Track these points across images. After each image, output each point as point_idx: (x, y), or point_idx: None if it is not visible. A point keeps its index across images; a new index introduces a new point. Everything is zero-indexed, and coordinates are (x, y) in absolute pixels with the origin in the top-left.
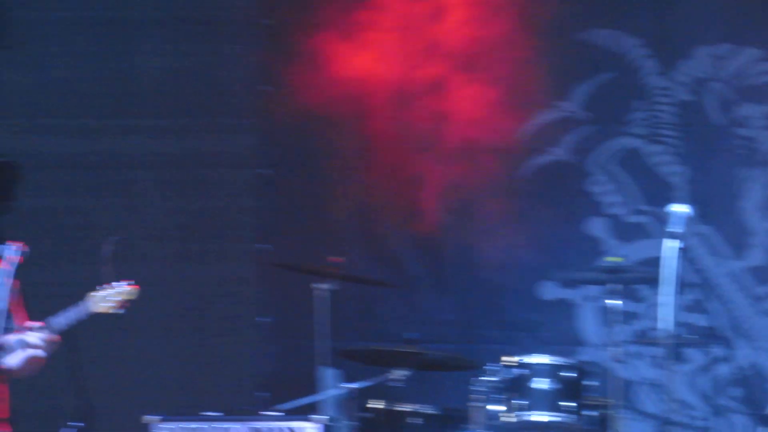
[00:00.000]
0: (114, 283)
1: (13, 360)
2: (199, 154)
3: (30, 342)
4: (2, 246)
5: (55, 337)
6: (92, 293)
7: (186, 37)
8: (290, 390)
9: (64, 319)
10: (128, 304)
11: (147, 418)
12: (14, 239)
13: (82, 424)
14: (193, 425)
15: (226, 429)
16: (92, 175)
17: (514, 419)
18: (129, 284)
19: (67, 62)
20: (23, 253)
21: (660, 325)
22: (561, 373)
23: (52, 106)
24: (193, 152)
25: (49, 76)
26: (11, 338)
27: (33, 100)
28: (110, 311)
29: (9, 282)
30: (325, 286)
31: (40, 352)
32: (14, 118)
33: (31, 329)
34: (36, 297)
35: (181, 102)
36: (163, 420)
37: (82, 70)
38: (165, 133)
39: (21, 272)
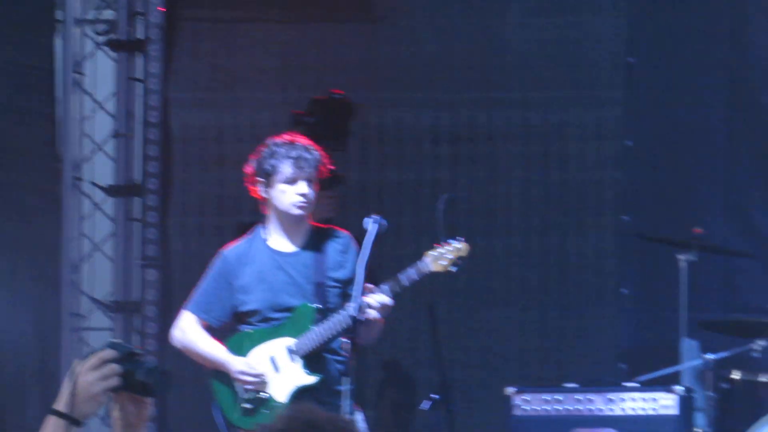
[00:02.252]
0: (450, 241)
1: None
2: (563, 127)
3: (370, 304)
4: (365, 219)
5: (391, 300)
6: (428, 252)
7: (552, 9)
8: (649, 361)
9: (402, 279)
10: (461, 262)
11: (508, 390)
12: (376, 212)
13: (439, 397)
14: (552, 396)
15: (584, 399)
16: (456, 148)
17: None
18: (462, 241)
19: (436, 36)
20: (381, 225)
21: None
22: None
23: (420, 80)
24: (557, 125)
25: (419, 49)
26: (362, 302)
27: (401, 74)
28: (445, 270)
29: (367, 253)
30: (685, 257)
31: (377, 315)
32: (383, 92)
33: (370, 293)
34: (396, 270)
35: (546, 74)
36: (522, 391)
37: (450, 44)
38: (530, 106)
39: (381, 244)
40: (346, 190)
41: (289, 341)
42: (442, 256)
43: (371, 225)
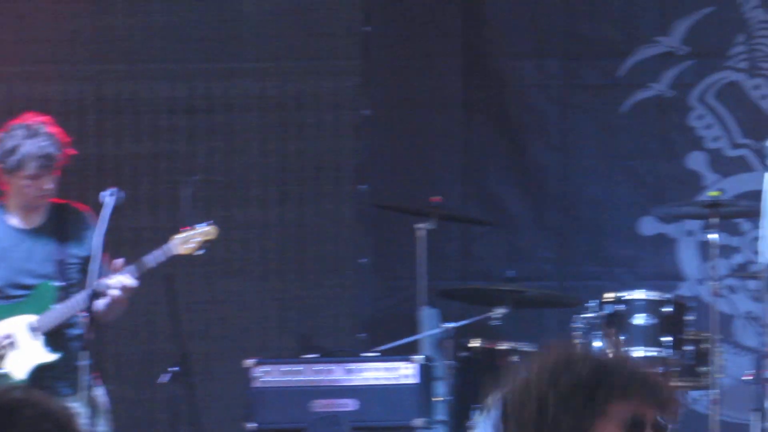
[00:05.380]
0: (196, 225)
1: (101, 304)
2: (299, 97)
3: (111, 285)
4: (102, 192)
5: (134, 282)
6: (174, 236)
7: None
8: (389, 331)
9: (146, 261)
10: (209, 245)
11: (246, 362)
12: (113, 185)
13: (178, 369)
14: (292, 367)
15: (323, 370)
16: (192, 119)
17: None
18: (209, 224)
19: (169, 7)
20: (118, 198)
21: (760, 258)
22: (660, 309)
23: (153, 51)
24: (293, 95)
25: (153, 20)
26: (102, 282)
27: (134, 45)
28: (192, 252)
29: (104, 227)
30: (424, 225)
31: (120, 295)
32: (115, 63)
33: (114, 272)
34: (134, 242)
35: (281, 45)
36: (262, 363)
37: (185, 15)
38: (265, 76)
39: (118, 217)
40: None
41: (30, 318)
42: (189, 240)
43: (108, 198)
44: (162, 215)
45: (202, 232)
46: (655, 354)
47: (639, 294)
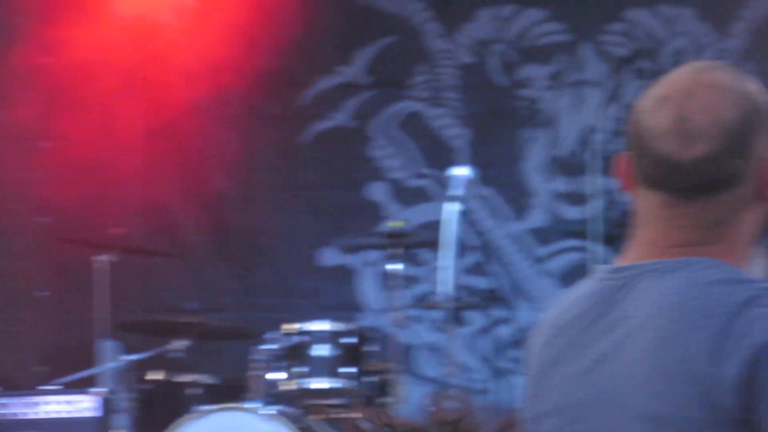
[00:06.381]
0: None
1: None
2: None
3: None
4: None
5: None
6: None
7: None
8: (70, 364)
9: None
10: None
11: None
12: None
13: None
14: None
15: (3, 404)
16: None
17: (295, 386)
18: None
19: None
20: None
21: (440, 288)
22: (341, 340)
23: None
24: None
25: None
26: None
27: None
28: None
29: None
30: (104, 258)
31: None
32: None
33: None
34: None
35: None
36: None
37: None
38: None
39: None
40: None
41: None
42: None
43: None
44: None
45: None
46: (337, 385)
47: (321, 325)
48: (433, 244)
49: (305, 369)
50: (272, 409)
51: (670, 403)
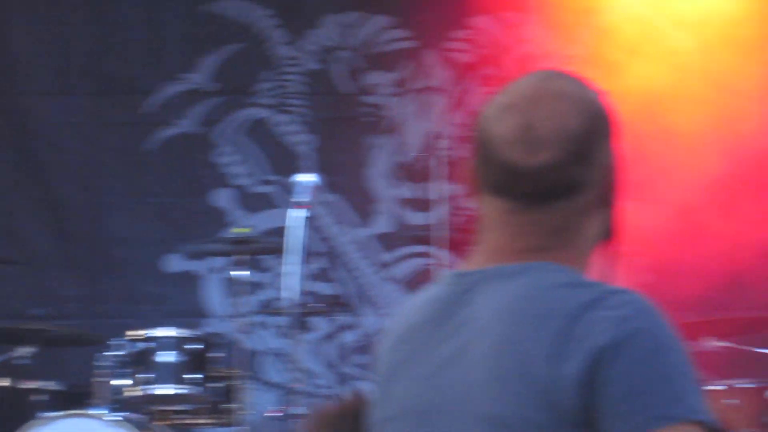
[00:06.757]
0: None
1: None
2: None
3: None
4: None
5: None
6: None
7: None
8: None
9: None
10: None
11: None
12: None
13: None
14: None
15: None
16: None
17: (140, 392)
18: None
19: None
20: None
21: (285, 294)
22: (186, 346)
23: None
24: None
25: None
26: None
27: None
28: None
29: None
30: None
31: None
32: None
33: None
34: None
35: None
36: None
37: None
38: None
39: None
40: None
41: None
42: None
43: None
44: None
45: None
46: (183, 391)
47: (166, 331)
48: (278, 251)
49: (151, 375)
50: (117, 416)
51: (510, 404)
